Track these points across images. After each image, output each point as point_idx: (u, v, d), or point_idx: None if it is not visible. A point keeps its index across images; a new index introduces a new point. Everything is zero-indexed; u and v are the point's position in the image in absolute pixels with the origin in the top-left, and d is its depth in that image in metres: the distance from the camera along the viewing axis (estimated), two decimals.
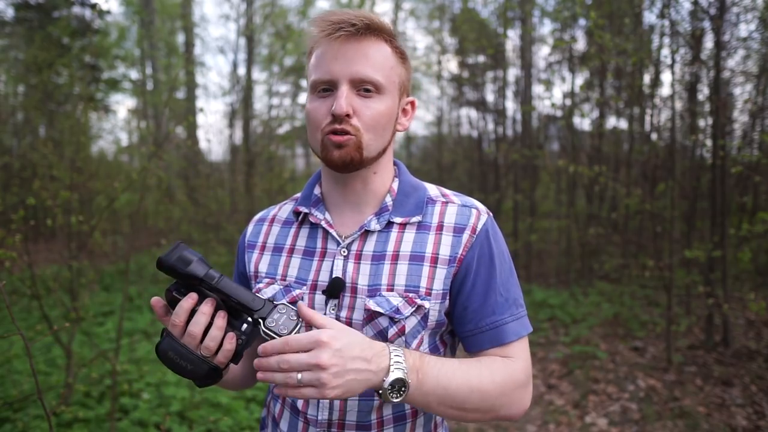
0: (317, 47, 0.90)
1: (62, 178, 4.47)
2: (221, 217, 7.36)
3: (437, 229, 0.93)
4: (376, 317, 0.88)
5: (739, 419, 3.12)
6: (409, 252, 0.91)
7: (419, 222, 0.94)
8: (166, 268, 0.80)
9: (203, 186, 7.95)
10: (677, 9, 6.84)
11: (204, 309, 0.79)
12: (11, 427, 2.74)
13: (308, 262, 0.95)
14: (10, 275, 3.01)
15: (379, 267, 0.91)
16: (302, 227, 1.00)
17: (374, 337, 0.89)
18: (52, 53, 7.18)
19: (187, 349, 0.80)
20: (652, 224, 4.90)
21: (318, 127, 0.89)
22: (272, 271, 0.99)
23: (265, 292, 0.96)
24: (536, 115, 8.19)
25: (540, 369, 4.15)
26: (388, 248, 0.92)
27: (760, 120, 5.38)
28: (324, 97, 0.89)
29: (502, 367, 0.88)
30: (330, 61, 0.87)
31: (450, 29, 10.00)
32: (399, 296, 0.88)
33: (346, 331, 0.76)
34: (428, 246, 0.91)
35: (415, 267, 0.90)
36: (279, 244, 1.01)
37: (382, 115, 0.89)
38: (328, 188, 0.99)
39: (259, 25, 9.16)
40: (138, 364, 3.61)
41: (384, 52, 0.90)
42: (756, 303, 3.40)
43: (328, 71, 0.87)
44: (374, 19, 0.89)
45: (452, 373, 0.83)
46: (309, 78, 0.92)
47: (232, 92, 9.42)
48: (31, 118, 8.29)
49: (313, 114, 0.89)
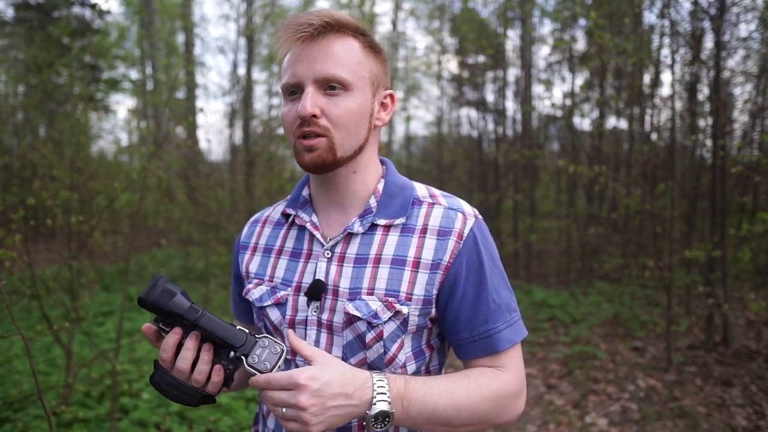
0: (283, 52, 0.91)
1: (62, 178, 4.47)
2: (221, 217, 7.36)
3: (421, 232, 0.90)
4: (354, 321, 0.88)
5: (739, 419, 3.12)
6: (392, 255, 0.89)
7: (403, 224, 0.92)
8: (149, 305, 0.80)
9: (203, 186, 7.95)
10: (677, 9, 6.85)
11: (189, 345, 0.81)
12: (11, 427, 2.74)
13: (294, 263, 0.96)
14: (10, 275, 3.01)
15: (361, 270, 0.89)
16: (291, 229, 1.00)
17: (354, 341, 0.88)
18: (52, 53, 7.18)
19: (177, 381, 0.83)
20: (652, 224, 4.91)
21: (290, 131, 0.89)
22: (261, 272, 1.00)
23: (253, 293, 0.98)
24: (536, 115, 8.19)
25: (540, 369, 4.15)
26: (371, 251, 0.90)
27: (760, 120, 5.38)
28: (293, 101, 0.89)
29: (492, 380, 0.88)
30: (294, 64, 0.87)
31: (450, 29, 10.00)
32: (378, 300, 0.87)
33: (328, 367, 0.78)
34: (411, 250, 0.89)
35: (396, 271, 0.88)
36: (269, 245, 1.02)
37: (352, 113, 0.87)
38: (315, 189, 0.99)
39: (259, 25, 9.16)
40: (138, 364, 3.61)
41: (349, 48, 0.88)
42: (756, 303, 3.40)
43: (293, 74, 0.87)
44: (335, 16, 0.88)
45: (438, 394, 0.83)
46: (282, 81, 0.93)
47: (232, 92, 9.43)
48: (31, 118, 8.29)
49: (285, 118, 0.90)
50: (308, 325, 0.91)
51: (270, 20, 9.28)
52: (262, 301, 0.96)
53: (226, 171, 9.40)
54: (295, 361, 0.91)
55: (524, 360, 4.53)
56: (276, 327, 0.95)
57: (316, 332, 0.91)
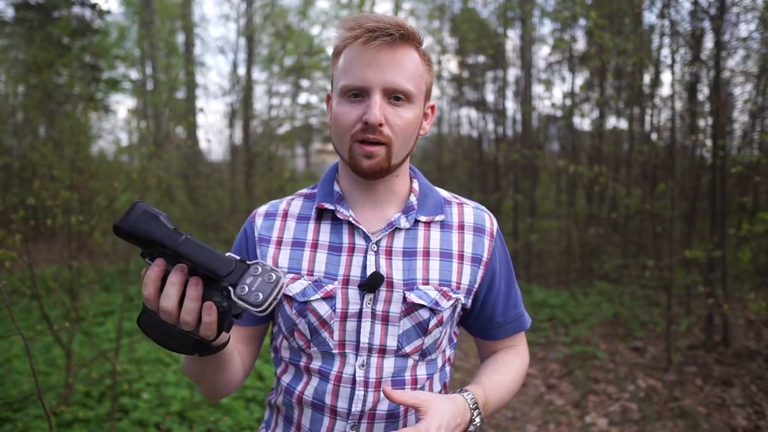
0: (348, 51, 0.91)
1: (62, 178, 4.48)
2: (221, 217, 7.37)
3: (459, 228, 1.00)
4: (416, 309, 0.93)
5: (739, 419, 3.12)
6: (439, 249, 0.97)
7: (442, 221, 1.00)
8: (125, 233, 0.69)
9: (203, 186, 7.95)
10: (677, 9, 6.84)
11: (172, 279, 0.70)
12: (11, 427, 2.74)
13: (336, 257, 0.95)
14: (10, 275, 3.01)
15: (412, 262, 0.95)
16: (322, 223, 0.99)
17: (412, 329, 0.94)
18: (52, 53, 7.18)
19: (166, 324, 0.72)
20: (652, 224, 4.91)
21: (347, 132, 0.90)
22: (295, 266, 0.96)
23: (292, 288, 0.94)
24: (536, 115, 8.19)
25: (540, 369, 4.15)
26: (418, 245, 0.97)
27: (760, 120, 5.37)
28: (354, 103, 0.90)
29: (519, 361, 1.07)
30: (363, 68, 0.88)
31: (450, 29, 10.00)
32: (435, 290, 0.95)
33: (439, 408, 0.83)
34: (454, 244, 0.98)
35: (446, 263, 0.97)
36: (299, 238, 0.98)
37: (410, 124, 0.92)
38: (349, 187, 0.99)
39: (259, 25, 9.16)
40: (138, 364, 3.61)
41: (414, 61, 0.91)
42: (756, 303, 3.40)
43: (362, 78, 0.88)
44: (407, 27, 0.90)
45: (500, 389, 0.98)
46: (337, 80, 0.92)
47: (232, 92, 9.43)
48: (31, 118, 8.29)
49: (343, 119, 0.90)
50: (362, 318, 0.93)
51: (270, 20, 9.27)
52: (306, 296, 0.93)
53: (226, 171, 9.40)
54: (407, 417, 0.96)
55: None
56: (325, 321, 0.93)
57: (371, 324, 0.93)
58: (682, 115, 5.39)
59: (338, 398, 0.93)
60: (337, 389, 0.93)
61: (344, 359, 0.93)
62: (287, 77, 10.60)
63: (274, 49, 9.47)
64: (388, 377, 0.94)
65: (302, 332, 0.94)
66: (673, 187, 4.29)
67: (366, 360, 0.93)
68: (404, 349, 0.94)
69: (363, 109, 0.88)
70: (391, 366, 0.94)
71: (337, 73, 0.92)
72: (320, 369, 0.94)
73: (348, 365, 0.93)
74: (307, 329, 0.94)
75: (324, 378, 0.94)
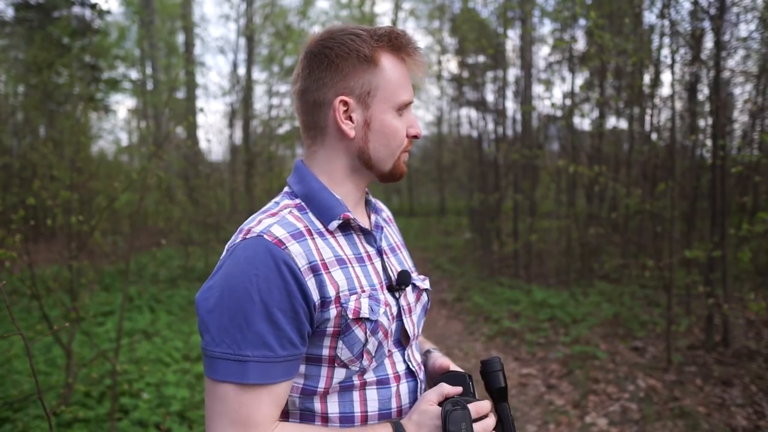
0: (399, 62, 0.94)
1: (62, 178, 4.48)
2: (221, 217, 7.37)
3: (390, 221, 1.14)
4: (422, 294, 1.04)
5: (739, 419, 3.12)
6: (399, 242, 1.10)
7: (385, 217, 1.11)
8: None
9: (203, 186, 7.95)
10: (677, 9, 6.85)
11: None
12: (11, 427, 2.74)
13: (364, 267, 0.93)
14: (10, 275, 3.01)
15: (398, 257, 1.05)
16: (336, 235, 0.92)
17: (421, 313, 1.05)
18: (52, 53, 7.19)
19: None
20: (652, 224, 4.91)
21: (400, 145, 0.96)
22: (352, 285, 0.88)
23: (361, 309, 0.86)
24: (536, 115, 8.19)
25: (540, 369, 4.15)
26: (391, 240, 1.07)
27: (760, 120, 5.37)
28: (402, 116, 0.96)
29: None
30: (412, 85, 0.96)
31: (450, 29, 10.01)
32: (417, 276, 1.07)
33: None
34: (397, 236, 1.13)
35: (406, 252, 1.11)
36: (338, 256, 0.89)
37: None
38: (349, 191, 0.97)
39: (259, 25, 9.16)
40: (138, 364, 3.61)
41: None
42: (756, 303, 3.40)
43: (412, 95, 0.96)
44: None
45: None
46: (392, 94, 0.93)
47: (232, 92, 9.43)
48: (31, 118, 8.29)
49: (401, 133, 0.96)
50: (404, 315, 0.97)
51: (270, 20, 9.28)
52: (375, 313, 0.87)
53: (226, 171, 9.40)
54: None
55: (524, 360, 4.52)
56: (387, 332, 0.90)
57: (408, 318, 0.98)
58: (682, 115, 5.39)
59: (401, 397, 0.94)
60: (398, 389, 0.94)
61: (393, 360, 0.95)
62: (287, 77, 10.59)
63: (274, 49, 9.47)
64: (419, 360, 1.02)
65: (370, 351, 0.88)
66: (673, 187, 4.29)
67: (410, 351, 0.99)
68: (419, 332, 1.04)
69: (405, 122, 0.96)
70: (416, 350, 1.02)
71: (387, 83, 0.92)
72: (377, 378, 0.92)
73: (398, 363, 0.96)
74: (375, 346, 0.88)
75: (383, 385, 0.92)
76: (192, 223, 7.74)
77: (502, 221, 8.09)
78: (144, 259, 7.70)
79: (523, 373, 4.11)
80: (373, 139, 0.93)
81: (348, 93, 0.90)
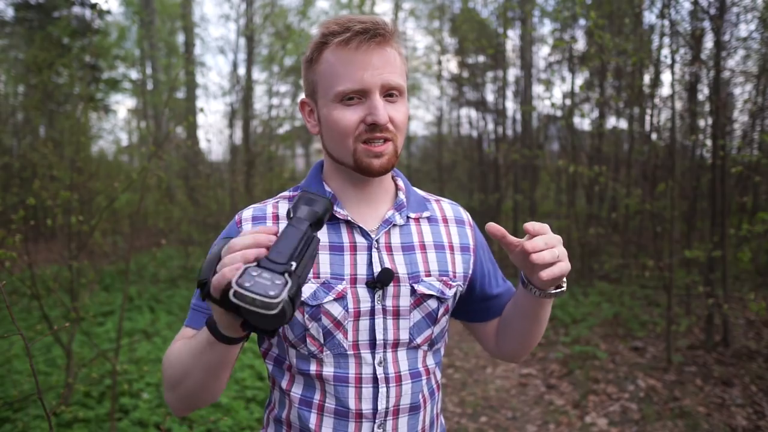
0: (333, 55, 0.90)
1: (62, 178, 4.48)
2: (221, 217, 7.37)
3: (444, 222, 1.06)
4: (425, 300, 0.97)
5: (739, 419, 3.12)
6: (432, 242, 1.02)
7: (429, 216, 1.05)
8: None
9: (203, 186, 7.95)
10: (677, 9, 6.85)
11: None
12: (11, 427, 2.74)
13: (339, 257, 0.95)
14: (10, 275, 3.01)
15: (412, 257, 0.99)
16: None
17: (422, 320, 0.98)
18: (52, 53, 7.18)
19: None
20: (652, 224, 4.90)
21: (348, 136, 0.91)
22: None
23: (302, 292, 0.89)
24: (536, 115, 8.19)
25: (540, 369, 4.15)
26: (414, 240, 1.00)
27: (760, 120, 5.37)
28: (350, 106, 0.90)
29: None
30: (358, 71, 0.88)
31: (450, 29, 10.01)
32: (437, 280, 0.99)
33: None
34: (443, 236, 1.04)
35: (441, 254, 1.02)
36: None
37: (407, 117, 0.96)
38: (341, 186, 1.00)
39: (259, 25, 9.15)
40: (138, 364, 3.61)
41: (398, 56, 0.94)
42: (756, 303, 3.39)
43: (359, 81, 0.88)
44: (390, 25, 0.91)
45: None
46: (325, 86, 0.92)
47: (232, 92, 9.42)
48: (31, 118, 8.28)
49: (343, 123, 0.90)
50: (375, 315, 0.94)
51: (270, 20, 9.27)
52: (318, 298, 0.91)
53: (226, 171, 9.39)
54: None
55: (524, 360, 4.51)
56: (339, 323, 0.92)
57: (383, 320, 0.94)
58: (682, 115, 5.39)
59: (362, 400, 0.93)
60: (360, 391, 0.92)
61: (359, 359, 0.93)
62: (287, 77, 10.59)
63: (274, 49, 9.47)
64: (405, 370, 0.96)
65: (315, 337, 0.92)
66: (673, 187, 4.29)
67: (383, 356, 0.94)
68: (416, 341, 0.97)
69: (363, 110, 0.89)
70: (405, 359, 0.96)
71: (322, 78, 0.92)
72: (335, 374, 0.93)
73: (365, 365, 0.93)
74: (320, 333, 0.92)
75: (342, 382, 0.93)
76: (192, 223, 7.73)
77: (502, 221, 8.09)
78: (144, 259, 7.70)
79: (523, 373, 4.11)
80: (325, 133, 0.96)
81: (306, 94, 0.98)
